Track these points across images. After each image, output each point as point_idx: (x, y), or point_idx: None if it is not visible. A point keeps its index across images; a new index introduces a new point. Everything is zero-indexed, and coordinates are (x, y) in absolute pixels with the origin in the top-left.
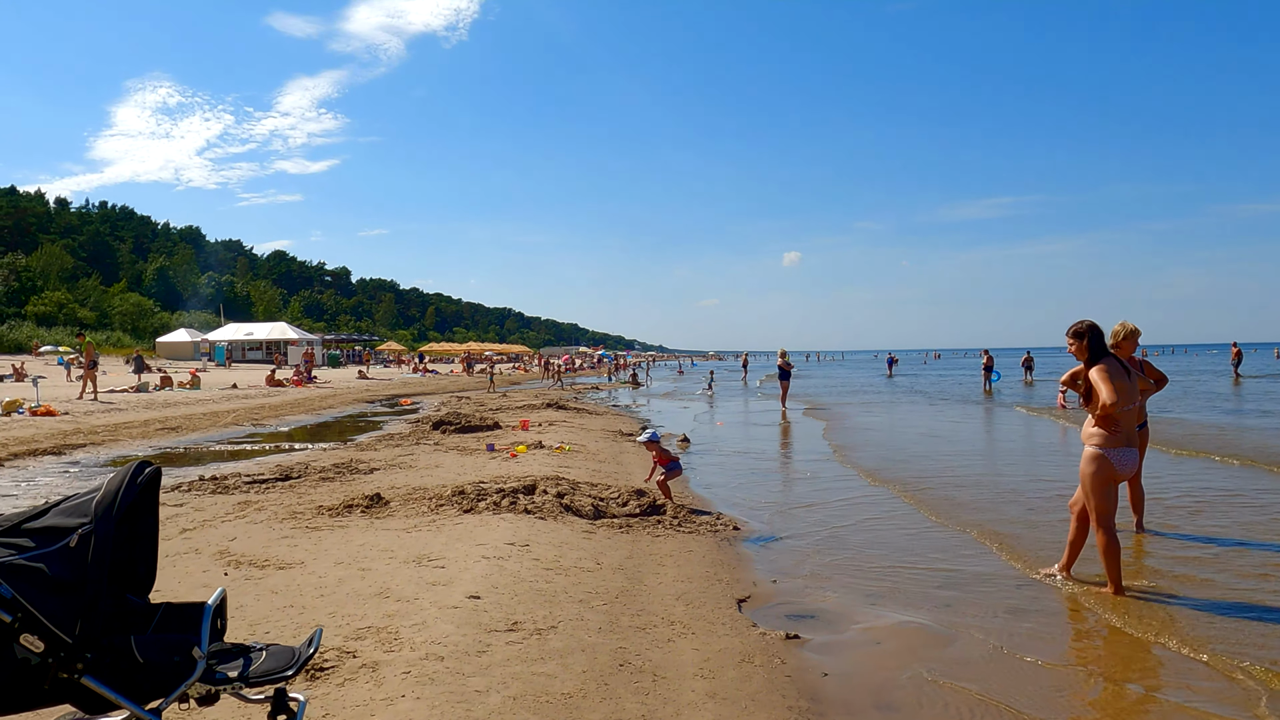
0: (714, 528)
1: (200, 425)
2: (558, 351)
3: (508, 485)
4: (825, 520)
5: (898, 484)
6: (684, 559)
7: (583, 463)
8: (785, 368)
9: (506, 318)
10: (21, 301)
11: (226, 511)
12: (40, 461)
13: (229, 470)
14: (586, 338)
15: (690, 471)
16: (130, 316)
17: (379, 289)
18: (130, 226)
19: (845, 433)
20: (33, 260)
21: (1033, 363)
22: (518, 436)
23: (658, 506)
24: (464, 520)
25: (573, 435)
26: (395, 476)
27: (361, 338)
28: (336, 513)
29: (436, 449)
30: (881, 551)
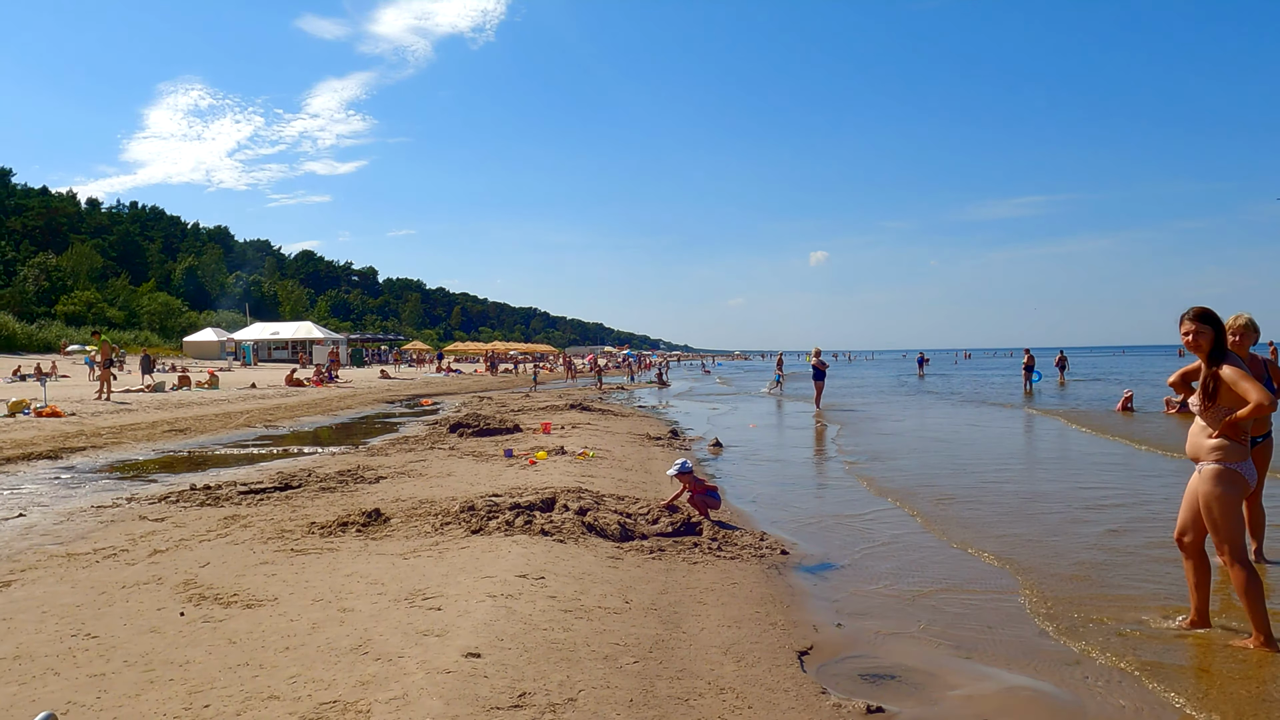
0: (758, 551)
1: (210, 427)
2: (582, 351)
3: (524, 498)
4: (886, 542)
5: (961, 500)
6: (728, 594)
7: (607, 471)
8: (820, 367)
9: (532, 317)
10: (52, 301)
11: (209, 528)
12: (33, 466)
13: (227, 477)
14: (612, 337)
15: (725, 480)
16: (158, 316)
17: (405, 288)
18: (160, 226)
19: (887, 439)
20: (63, 260)
21: (1066, 362)
22: (538, 441)
23: (692, 525)
24: (471, 543)
25: (597, 439)
26: (402, 487)
27: (387, 337)
28: (329, 531)
29: (451, 454)
30: (960, 583)
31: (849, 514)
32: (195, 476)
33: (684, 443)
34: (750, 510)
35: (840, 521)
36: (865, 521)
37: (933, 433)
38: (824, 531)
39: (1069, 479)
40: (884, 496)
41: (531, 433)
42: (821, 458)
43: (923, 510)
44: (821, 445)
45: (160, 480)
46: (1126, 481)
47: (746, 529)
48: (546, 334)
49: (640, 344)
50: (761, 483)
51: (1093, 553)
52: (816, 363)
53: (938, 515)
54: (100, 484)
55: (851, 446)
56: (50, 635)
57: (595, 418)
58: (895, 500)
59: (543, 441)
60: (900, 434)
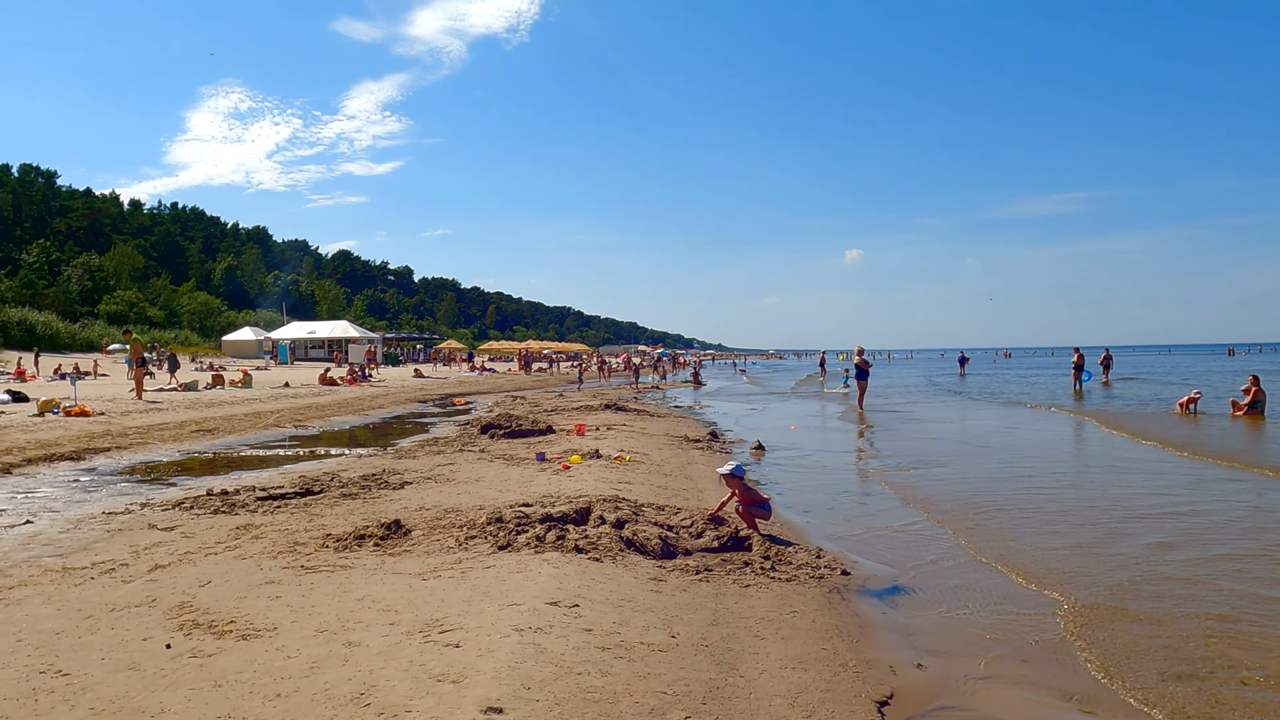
0: (816, 571)
1: (239, 428)
2: (615, 350)
3: (556, 508)
4: (953, 561)
5: (1034, 510)
6: (788, 625)
7: (645, 476)
8: (863, 366)
9: (566, 316)
10: (95, 300)
11: (218, 539)
12: (54, 468)
13: (248, 481)
14: (645, 336)
15: (771, 487)
16: (198, 315)
17: (440, 288)
18: (200, 227)
19: (935, 444)
20: (106, 260)
21: (1111, 361)
22: (572, 443)
23: (740, 539)
24: (497, 561)
25: (633, 441)
26: (427, 493)
27: (422, 336)
28: (344, 545)
29: (481, 458)
30: (1039, 609)
31: (905, 526)
32: (215, 480)
33: (724, 445)
34: (801, 521)
35: (899, 535)
36: (925, 536)
37: (983, 437)
38: (883, 546)
39: (1142, 489)
40: (940, 508)
41: (565, 434)
42: (869, 463)
43: (987, 526)
44: (868, 449)
45: (179, 484)
46: (1194, 494)
47: (800, 544)
48: (580, 333)
49: (674, 343)
50: (809, 490)
51: (1184, 585)
52: (860, 362)
53: (1000, 532)
54: (118, 487)
55: (898, 451)
56: (17, 671)
57: (631, 418)
58: (952, 512)
59: (576, 444)
60: (948, 438)
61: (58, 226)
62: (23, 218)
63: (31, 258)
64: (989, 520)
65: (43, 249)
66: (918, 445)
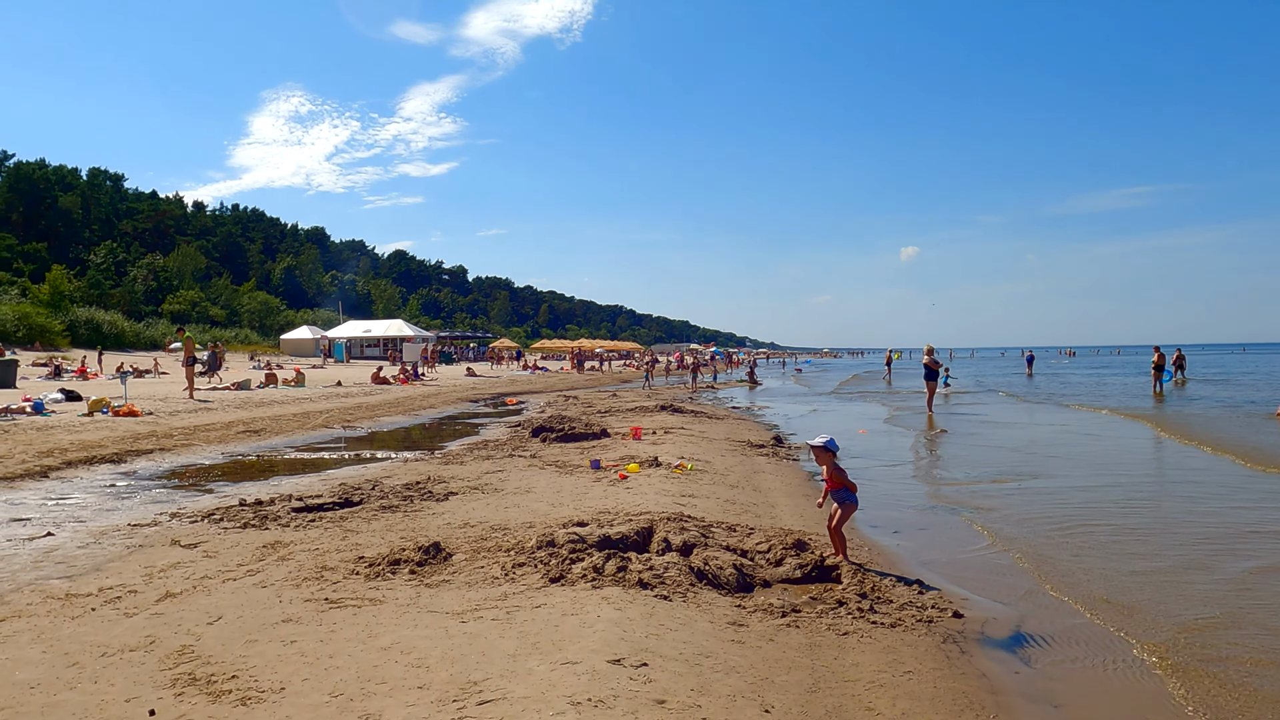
0: (922, 612)
1: (286, 428)
2: (668, 348)
3: (614, 528)
4: (1079, 595)
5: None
6: (905, 693)
7: (710, 488)
8: (932, 367)
9: (618, 315)
10: (159, 300)
11: (241, 560)
12: (93, 471)
13: (286, 488)
14: (697, 334)
15: None
16: (258, 314)
17: (494, 287)
18: (260, 228)
19: (1015, 455)
20: (169, 260)
21: (1184, 361)
22: (628, 448)
23: (826, 567)
24: (549, 598)
25: (693, 447)
26: (473, 506)
27: (476, 335)
28: (377, 573)
29: (532, 464)
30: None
31: (1005, 552)
32: (253, 487)
33: (790, 450)
34: (889, 544)
35: (1000, 563)
36: (1033, 565)
37: (1066, 445)
38: (988, 578)
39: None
40: (1039, 531)
41: (620, 438)
42: (948, 473)
43: (1099, 555)
44: (945, 458)
45: (215, 490)
46: None
47: (893, 573)
48: (632, 331)
49: (726, 341)
50: (890, 505)
51: None
52: (929, 362)
53: (1119, 566)
54: (152, 494)
55: (978, 460)
56: None
57: (688, 420)
58: (1052, 537)
59: (632, 449)
60: (1028, 446)
61: (124, 228)
62: (91, 220)
63: (99, 258)
64: (1099, 548)
65: (110, 250)
66: (999, 454)
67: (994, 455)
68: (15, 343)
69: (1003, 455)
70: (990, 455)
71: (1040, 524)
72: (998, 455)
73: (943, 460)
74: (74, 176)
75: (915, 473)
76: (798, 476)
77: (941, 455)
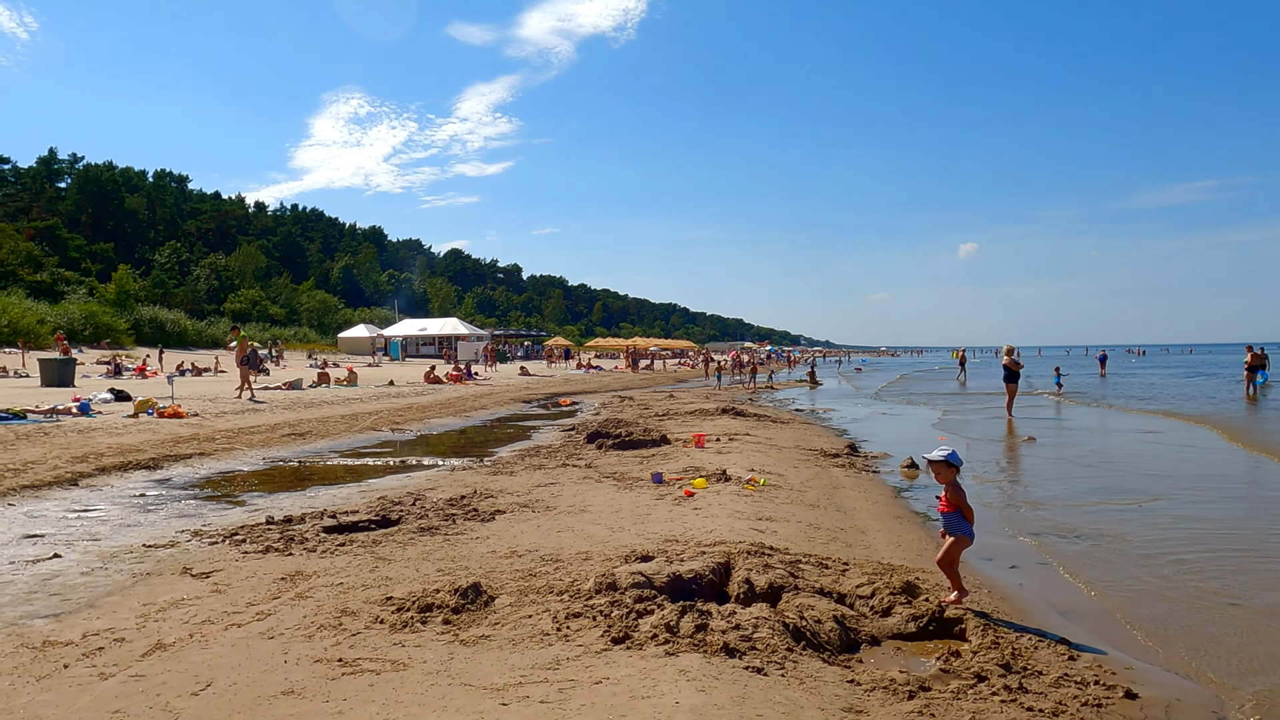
0: (1084, 691)
1: (333, 430)
2: (722, 346)
3: (685, 564)
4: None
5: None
6: None
7: (788, 509)
8: (1013, 368)
9: (672, 313)
10: (221, 299)
11: (253, 598)
12: (126, 478)
13: (322, 501)
14: (751, 333)
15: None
16: (316, 313)
17: (549, 285)
18: (319, 227)
19: (1119, 474)
20: (231, 260)
21: (1267, 361)
22: (691, 458)
23: (947, 620)
24: (612, 667)
25: (761, 457)
26: (521, 529)
27: (530, 333)
28: (405, 620)
29: (587, 475)
30: None
31: (1152, 593)
32: (287, 499)
33: (867, 461)
34: (1007, 581)
35: (1156, 611)
36: (1194, 615)
37: (1170, 458)
38: (1151, 637)
39: None
40: (1188, 569)
41: (682, 445)
42: (1052, 489)
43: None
44: (1037, 471)
45: (247, 502)
46: None
47: (1027, 625)
48: (686, 330)
49: (780, 339)
50: (996, 530)
51: None
52: (1009, 363)
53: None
54: (179, 506)
55: (1075, 475)
56: None
57: (752, 425)
58: (1212, 576)
59: (696, 459)
60: (1126, 460)
61: (188, 228)
62: (156, 220)
63: (163, 258)
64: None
65: (174, 250)
66: (1099, 468)
67: (1094, 469)
68: (82, 341)
69: (1104, 469)
70: (1089, 469)
71: (1187, 561)
72: (1098, 469)
73: (1037, 474)
74: (140, 178)
75: (1011, 489)
76: (882, 493)
77: (1034, 468)
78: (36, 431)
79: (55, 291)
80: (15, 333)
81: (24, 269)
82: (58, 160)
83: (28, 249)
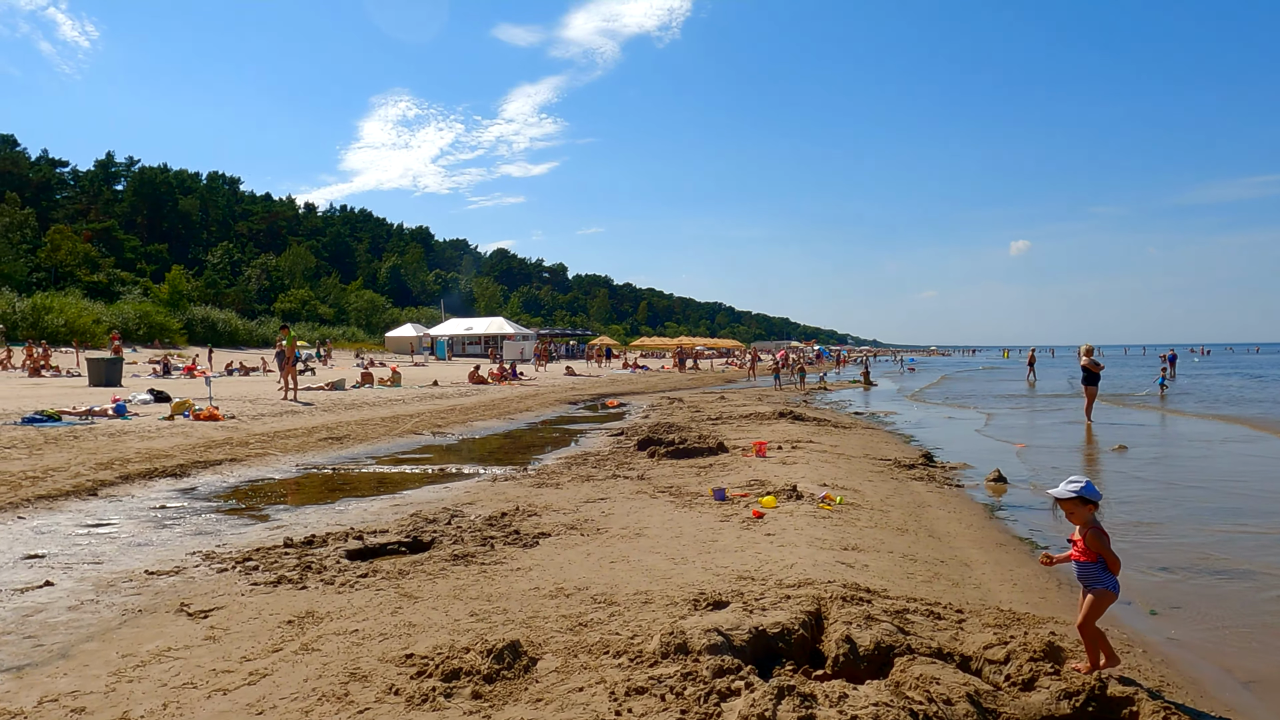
0: None
1: (373, 434)
2: (768, 345)
3: (767, 613)
4: None
5: None
6: None
7: (874, 533)
8: (1092, 369)
9: (717, 312)
10: (271, 299)
11: (249, 650)
12: (149, 487)
13: (351, 517)
14: (798, 332)
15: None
16: (364, 312)
17: (594, 284)
18: (367, 228)
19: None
20: (281, 261)
21: None
22: (753, 468)
23: (1110, 699)
24: None
25: (831, 468)
26: (569, 557)
27: (575, 332)
28: (424, 692)
29: (640, 489)
30: None
31: None
32: (314, 514)
33: (946, 472)
34: (1157, 636)
35: None
36: None
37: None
38: None
39: None
40: None
41: (741, 454)
42: (1155, 510)
43: None
44: (1139, 485)
45: (271, 517)
46: None
47: (1217, 717)
48: (731, 329)
49: (827, 338)
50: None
51: None
52: (1088, 363)
53: None
54: (197, 521)
55: (1185, 494)
56: None
57: (813, 430)
58: None
59: (759, 470)
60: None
61: (240, 229)
62: (209, 221)
63: (215, 259)
64: None
65: (225, 250)
66: (1207, 484)
67: (1207, 486)
68: (137, 340)
69: (1219, 486)
70: (1202, 487)
71: None
72: (1212, 486)
73: (1141, 492)
74: (194, 180)
75: (1115, 509)
76: (974, 512)
77: (1135, 485)
78: (67, 434)
79: (111, 292)
80: (71, 332)
81: (82, 270)
82: (115, 163)
83: (85, 250)
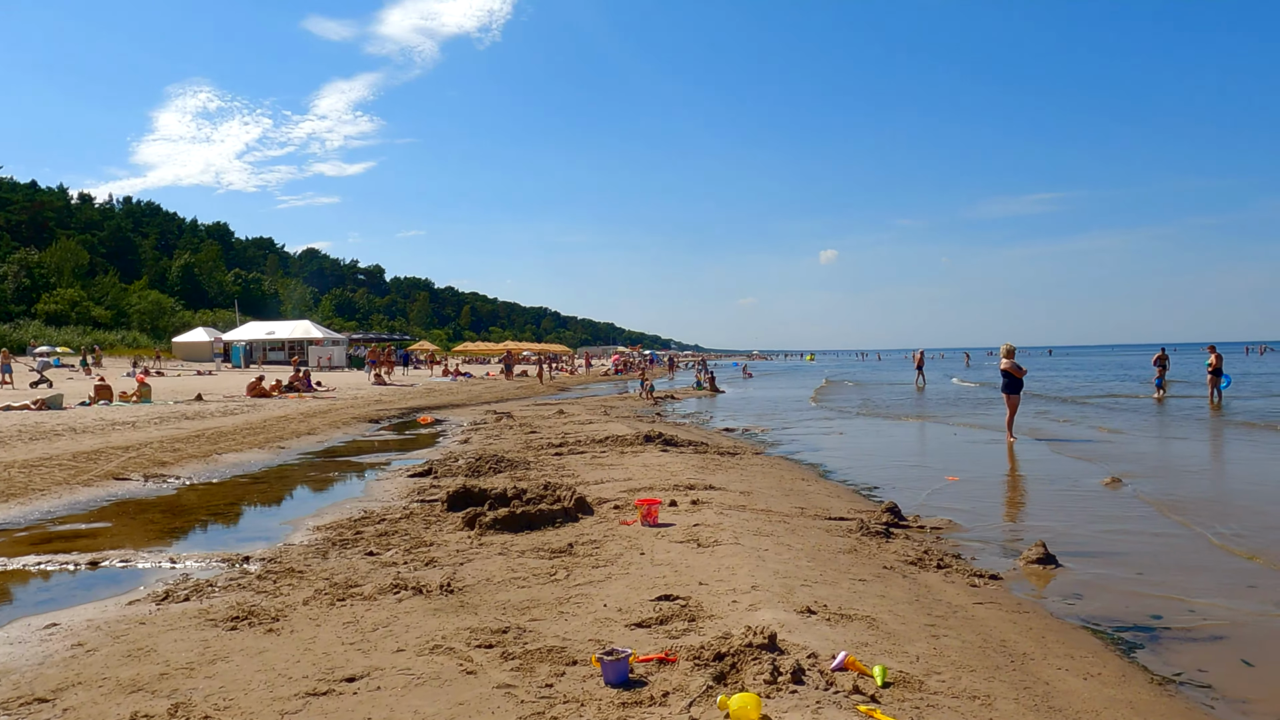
0: None
1: (40, 482)
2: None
3: None
4: None
5: None
6: None
7: None
8: (1014, 374)
9: (543, 317)
10: (33, 299)
11: None
12: None
13: None
14: (623, 337)
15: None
16: (149, 315)
17: (414, 287)
18: (155, 223)
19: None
20: (45, 256)
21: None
22: (649, 556)
23: None
24: None
25: (776, 551)
26: None
27: (393, 337)
28: None
29: (443, 631)
30: None
31: None
32: None
33: (938, 540)
34: None
35: None
36: None
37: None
38: None
39: None
40: None
41: (618, 519)
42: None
43: None
44: (1168, 546)
45: None
46: None
47: None
48: (558, 334)
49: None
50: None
51: None
52: (1009, 366)
53: None
54: None
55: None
56: None
57: (699, 464)
58: None
59: (661, 561)
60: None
61: None
62: None
63: None
64: None
65: None
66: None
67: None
68: None
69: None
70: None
71: None
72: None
73: (1107, 522)
74: None
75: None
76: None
77: (1096, 524)
78: None
79: None
80: None
81: None
82: None
83: None
